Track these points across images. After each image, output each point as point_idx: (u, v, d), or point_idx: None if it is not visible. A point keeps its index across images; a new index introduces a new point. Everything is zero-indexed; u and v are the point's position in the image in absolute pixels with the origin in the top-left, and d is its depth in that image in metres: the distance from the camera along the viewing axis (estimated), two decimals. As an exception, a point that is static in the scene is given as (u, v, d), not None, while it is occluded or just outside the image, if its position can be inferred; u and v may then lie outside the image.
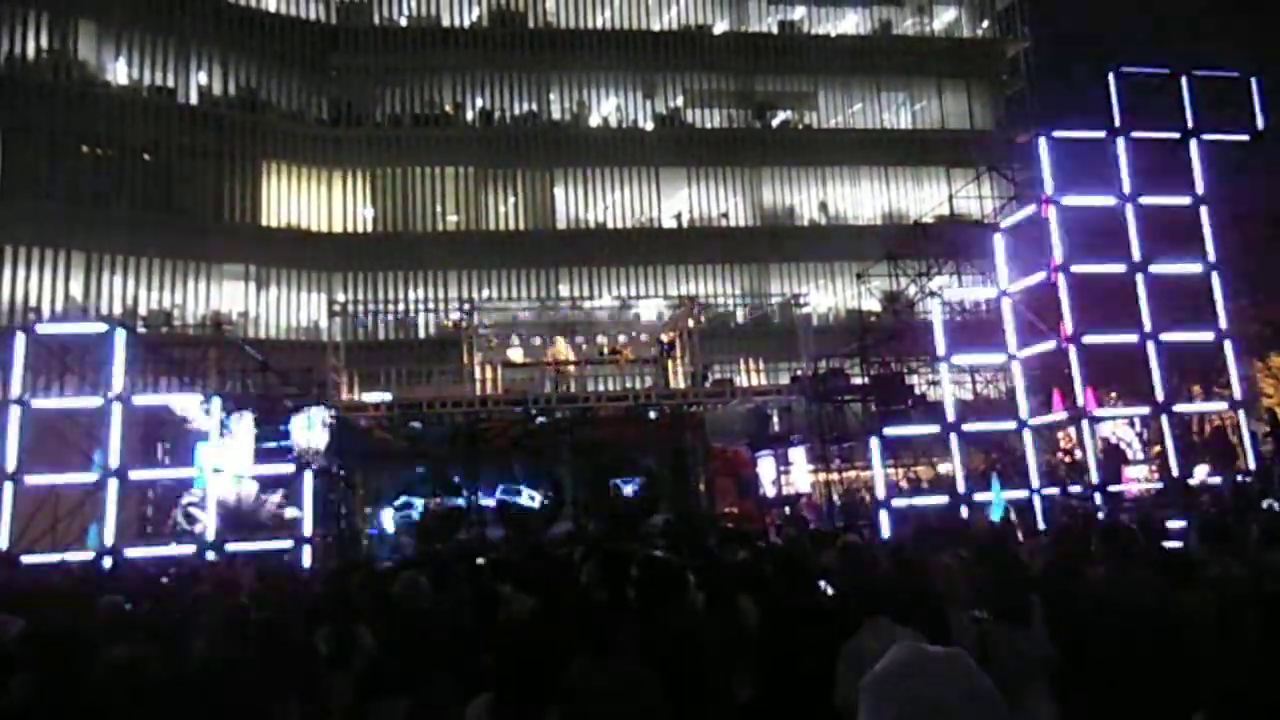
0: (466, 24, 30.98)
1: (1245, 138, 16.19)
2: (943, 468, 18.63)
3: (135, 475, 13.11)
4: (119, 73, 26.65)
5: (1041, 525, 12.88)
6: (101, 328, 14.19)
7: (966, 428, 15.08)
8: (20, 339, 13.42)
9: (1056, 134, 15.57)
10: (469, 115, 30.51)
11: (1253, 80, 16.13)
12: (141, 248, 25.51)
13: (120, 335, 13.30)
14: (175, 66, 27.22)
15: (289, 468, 14.29)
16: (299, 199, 28.57)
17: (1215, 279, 15.13)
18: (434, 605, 5.47)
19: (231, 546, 12.60)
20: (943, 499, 14.72)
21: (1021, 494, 14.10)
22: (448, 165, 29.71)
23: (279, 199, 28.27)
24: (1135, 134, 15.49)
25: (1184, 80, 15.84)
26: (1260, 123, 15.97)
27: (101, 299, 24.88)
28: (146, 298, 25.70)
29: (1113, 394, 18.28)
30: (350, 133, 29.18)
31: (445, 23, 30.70)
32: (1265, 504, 11.27)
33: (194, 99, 27.48)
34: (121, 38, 26.63)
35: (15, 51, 24.95)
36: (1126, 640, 3.44)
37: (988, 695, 1.59)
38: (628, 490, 20.14)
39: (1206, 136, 15.79)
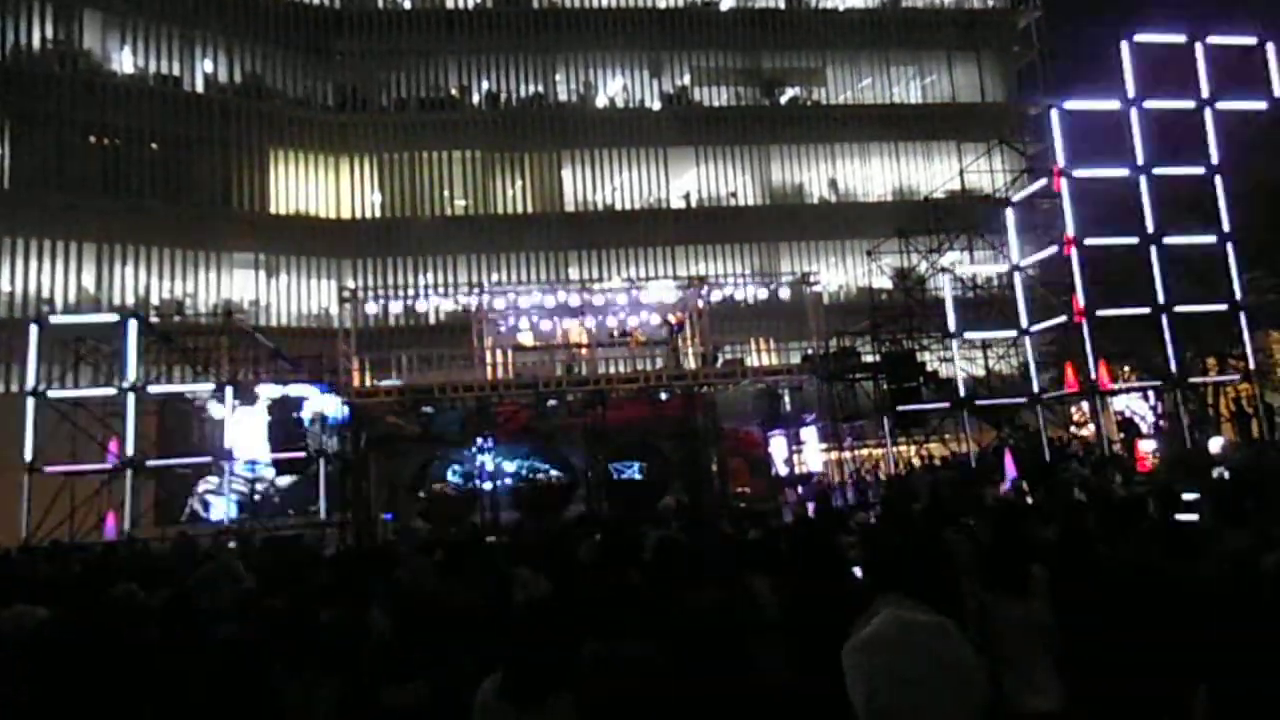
0: (471, 5, 30.76)
1: (1263, 105, 15.94)
2: (955, 444, 18.58)
3: (151, 463, 13.25)
4: (125, 62, 26.66)
5: (1054, 499, 12.84)
6: (114, 318, 14.30)
7: (978, 404, 15.04)
8: (34, 331, 13.55)
9: (1068, 105, 15.40)
10: (475, 98, 30.39)
11: (1269, 46, 15.87)
12: (151, 237, 25.61)
13: (133, 326, 13.40)
14: (180, 54, 27.20)
15: (303, 454, 14.41)
16: (307, 186, 28.58)
17: (1230, 250, 14.99)
18: (448, 588, 5.49)
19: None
20: (955, 474, 14.71)
21: (1034, 468, 14.05)
22: (455, 149, 29.63)
23: (287, 186, 28.30)
24: (1149, 104, 15.29)
25: (1199, 47, 15.60)
26: (1278, 90, 15.72)
27: (114, 289, 25.01)
28: (158, 287, 25.82)
29: (1126, 368, 18.17)
30: (356, 118, 29.12)
31: (450, 5, 30.50)
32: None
33: (200, 87, 27.48)
34: (126, 27, 26.62)
35: (21, 42, 24.98)
36: (1132, 612, 3.44)
37: (958, 666, 1.57)
38: (639, 472, 20.19)
39: (1222, 105, 15.57)
